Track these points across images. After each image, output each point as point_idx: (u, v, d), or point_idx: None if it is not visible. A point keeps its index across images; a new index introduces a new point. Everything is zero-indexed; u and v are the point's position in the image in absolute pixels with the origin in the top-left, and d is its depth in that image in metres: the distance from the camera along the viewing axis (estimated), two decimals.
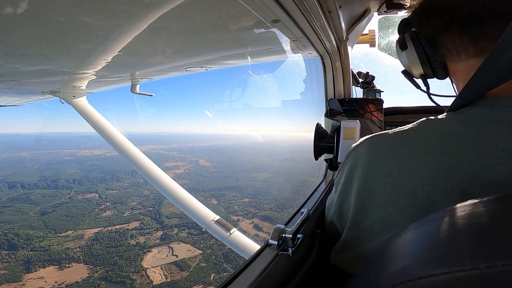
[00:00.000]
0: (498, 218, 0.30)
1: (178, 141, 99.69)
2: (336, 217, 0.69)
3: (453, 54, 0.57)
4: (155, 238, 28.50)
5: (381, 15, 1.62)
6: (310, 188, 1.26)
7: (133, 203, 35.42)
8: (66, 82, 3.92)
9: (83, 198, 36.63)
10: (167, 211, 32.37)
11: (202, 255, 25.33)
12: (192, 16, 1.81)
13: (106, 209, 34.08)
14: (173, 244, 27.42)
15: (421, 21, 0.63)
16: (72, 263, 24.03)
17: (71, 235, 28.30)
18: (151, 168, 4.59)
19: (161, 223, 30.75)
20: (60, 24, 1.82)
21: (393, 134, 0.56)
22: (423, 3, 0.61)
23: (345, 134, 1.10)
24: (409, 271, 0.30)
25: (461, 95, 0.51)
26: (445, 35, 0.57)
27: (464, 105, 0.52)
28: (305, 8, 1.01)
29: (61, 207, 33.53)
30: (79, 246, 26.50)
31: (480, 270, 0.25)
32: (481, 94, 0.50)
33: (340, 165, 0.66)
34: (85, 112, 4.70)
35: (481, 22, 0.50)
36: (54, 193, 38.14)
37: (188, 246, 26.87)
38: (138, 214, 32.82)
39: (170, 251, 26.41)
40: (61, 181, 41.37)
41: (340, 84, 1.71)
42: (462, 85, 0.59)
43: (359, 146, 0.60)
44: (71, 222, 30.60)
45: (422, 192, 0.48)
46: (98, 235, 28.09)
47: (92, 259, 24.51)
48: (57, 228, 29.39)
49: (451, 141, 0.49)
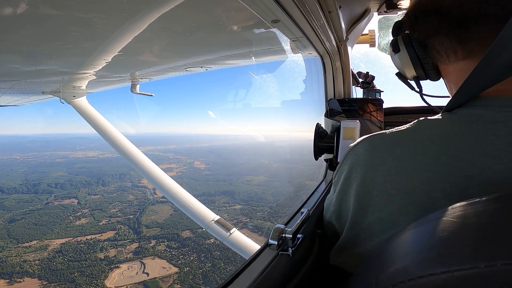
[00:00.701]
0: (497, 218, 0.30)
1: (176, 142, 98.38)
2: (334, 217, 0.69)
3: (443, 56, 0.58)
4: (128, 252, 25.77)
5: (381, 15, 1.62)
6: (308, 193, 1.25)
7: (113, 209, 33.29)
8: (66, 82, 3.92)
9: (60, 204, 34.58)
10: (148, 219, 30.15)
11: (178, 274, 22.29)
12: (192, 16, 1.81)
13: (82, 216, 31.94)
14: (147, 260, 24.47)
15: (412, 24, 0.63)
16: (24, 278, 21.66)
17: (34, 246, 25.80)
18: (151, 168, 4.59)
19: (138, 233, 28.43)
20: (60, 24, 1.82)
21: (390, 134, 0.57)
22: (414, 6, 0.62)
23: (345, 134, 1.10)
24: (409, 271, 0.30)
25: (456, 96, 0.52)
26: (435, 37, 0.58)
27: (459, 105, 0.53)
28: (305, 8, 1.01)
29: (32, 214, 31.23)
30: (39, 258, 24.01)
31: (480, 269, 0.25)
32: (476, 95, 0.51)
33: (338, 165, 0.66)
34: (85, 112, 4.70)
35: (468, 25, 0.51)
36: (31, 198, 36.23)
37: (163, 262, 23.85)
38: (115, 222, 30.41)
39: (141, 268, 23.49)
40: (42, 185, 39.65)
41: (340, 84, 1.71)
42: (454, 86, 0.59)
43: (356, 146, 0.61)
44: (38, 231, 28.29)
45: (421, 191, 0.48)
46: (64, 247, 25.73)
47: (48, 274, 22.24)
48: (20, 238, 27.10)
49: (448, 140, 0.49)
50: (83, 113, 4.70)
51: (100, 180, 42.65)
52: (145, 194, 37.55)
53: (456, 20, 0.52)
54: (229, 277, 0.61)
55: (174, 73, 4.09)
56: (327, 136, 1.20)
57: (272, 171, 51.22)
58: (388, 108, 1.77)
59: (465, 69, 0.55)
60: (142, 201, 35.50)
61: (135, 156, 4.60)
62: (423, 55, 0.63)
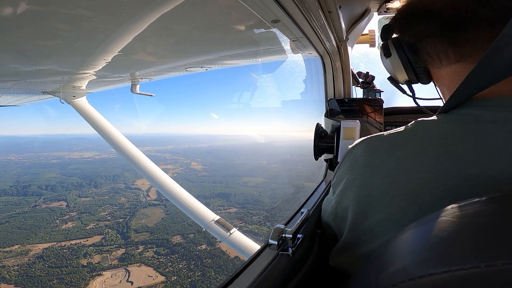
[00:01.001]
0: (497, 217, 0.30)
1: (175, 142, 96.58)
2: (332, 218, 0.69)
3: (435, 60, 0.58)
4: (113, 258, 24.20)
5: (381, 15, 1.62)
6: (306, 195, 1.25)
7: (103, 213, 31.92)
8: (66, 82, 3.93)
9: (47, 207, 33.14)
10: (138, 223, 28.94)
11: (164, 284, 20.73)
12: (192, 16, 1.81)
13: (69, 220, 30.58)
14: (132, 267, 22.79)
15: (402, 28, 0.63)
16: (0, 284, 20.20)
17: (15, 251, 24.48)
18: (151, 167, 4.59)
19: (126, 238, 27.06)
20: (60, 24, 1.82)
21: (389, 135, 0.57)
22: (404, 10, 0.62)
23: (345, 134, 1.10)
24: (409, 271, 0.30)
25: (453, 98, 0.52)
26: (426, 41, 0.57)
27: (455, 107, 0.53)
28: (305, 8, 1.01)
29: (18, 217, 30.05)
30: (18, 264, 22.61)
31: (480, 269, 0.25)
32: (471, 96, 0.51)
33: (336, 167, 0.66)
34: (85, 112, 4.70)
35: (460, 28, 0.51)
36: (19, 200, 34.95)
37: (149, 270, 22.21)
38: (103, 227, 29.01)
39: (125, 276, 21.92)
40: (32, 187, 38.40)
41: (340, 84, 1.71)
42: (447, 89, 0.60)
43: (355, 148, 0.61)
44: (21, 235, 27.00)
45: (422, 191, 0.48)
46: (46, 252, 24.26)
47: (25, 281, 20.92)
48: (2, 242, 25.75)
49: (446, 141, 0.49)
50: (83, 113, 4.70)
51: (92, 182, 41.51)
52: (137, 197, 36.54)
53: (448, 23, 0.52)
54: (229, 277, 0.60)
55: (174, 73, 4.09)
56: (327, 136, 1.20)
57: (270, 173, 50.08)
58: (388, 108, 1.77)
59: (458, 72, 0.55)
60: (134, 204, 34.20)
61: (135, 156, 4.60)
62: (414, 59, 0.63)
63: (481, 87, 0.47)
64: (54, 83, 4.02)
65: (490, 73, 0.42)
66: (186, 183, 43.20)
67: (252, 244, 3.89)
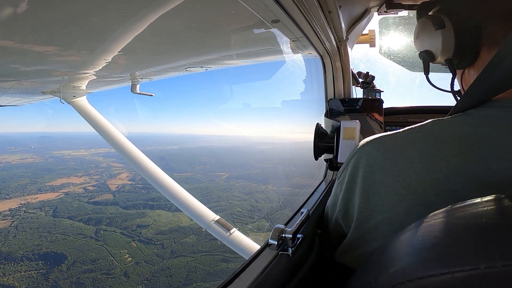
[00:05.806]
0: (497, 219, 0.30)
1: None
2: (341, 216, 0.68)
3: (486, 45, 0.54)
4: None
5: (381, 15, 1.62)
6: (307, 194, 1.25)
7: None
8: (66, 82, 3.92)
9: None
10: None
11: None
12: (192, 16, 1.81)
13: None
14: None
15: (465, 5, 0.60)
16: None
17: None
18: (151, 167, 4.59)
19: None
20: (60, 24, 1.82)
21: (402, 135, 0.56)
22: None
23: (345, 134, 1.10)
24: (408, 272, 0.30)
25: (468, 96, 0.51)
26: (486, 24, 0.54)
27: (472, 106, 0.52)
28: (305, 8, 1.01)
29: None
30: None
31: (479, 270, 0.25)
32: (490, 97, 0.50)
33: (344, 164, 0.65)
34: (85, 112, 4.70)
35: None
36: None
37: None
38: None
39: None
40: None
41: (340, 84, 1.70)
42: None
43: (366, 146, 0.60)
44: None
45: (431, 192, 0.48)
46: None
47: None
48: None
49: (460, 142, 0.48)
50: (83, 113, 4.70)
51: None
52: None
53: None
54: (229, 277, 0.60)
55: (174, 73, 4.09)
56: (327, 136, 1.19)
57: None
58: (388, 108, 1.77)
59: None
60: None
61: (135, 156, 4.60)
62: (472, 39, 0.57)
63: (499, 87, 0.46)
64: (54, 83, 4.01)
65: (508, 73, 0.42)
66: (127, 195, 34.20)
67: (252, 244, 3.89)
